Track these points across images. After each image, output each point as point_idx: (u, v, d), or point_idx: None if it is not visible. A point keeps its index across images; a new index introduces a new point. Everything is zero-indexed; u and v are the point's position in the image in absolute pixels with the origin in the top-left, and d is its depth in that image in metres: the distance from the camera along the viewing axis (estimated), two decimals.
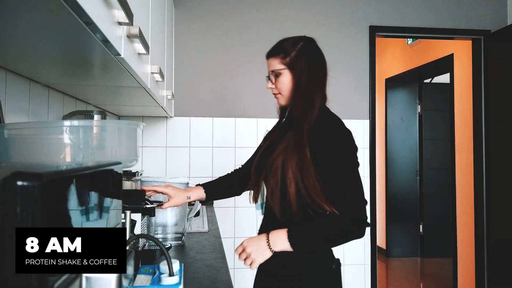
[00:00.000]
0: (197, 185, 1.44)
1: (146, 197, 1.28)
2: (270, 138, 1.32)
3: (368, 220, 1.15)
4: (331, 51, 2.80)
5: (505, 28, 2.77)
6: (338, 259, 1.23)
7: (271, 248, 1.10)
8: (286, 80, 1.24)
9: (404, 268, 4.45)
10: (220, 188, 1.46)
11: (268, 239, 1.11)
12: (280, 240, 1.10)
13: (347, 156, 1.17)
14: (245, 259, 1.12)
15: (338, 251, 1.21)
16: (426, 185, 4.71)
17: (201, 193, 1.41)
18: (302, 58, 1.25)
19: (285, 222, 1.15)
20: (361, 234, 1.10)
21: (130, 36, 0.90)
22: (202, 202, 1.47)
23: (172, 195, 1.33)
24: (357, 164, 1.19)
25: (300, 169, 1.13)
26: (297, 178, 1.13)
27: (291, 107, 1.27)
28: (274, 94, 1.29)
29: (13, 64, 1.04)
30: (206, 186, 1.43)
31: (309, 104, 1.23)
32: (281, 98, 1.28)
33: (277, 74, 1.25)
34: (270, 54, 1.28)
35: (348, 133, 1.24)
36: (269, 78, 1.28)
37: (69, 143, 0.81)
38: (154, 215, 1.25)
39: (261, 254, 1.10)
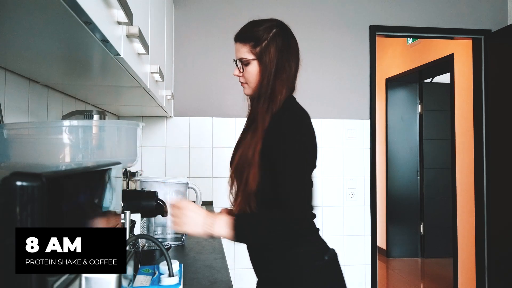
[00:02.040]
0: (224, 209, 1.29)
1: (158, 197, 1.27)
2: (240, 135, 1.26)
3: (317, 226, 1.11)
4: (331, 51, 2.80)
5: (506, 27, 2.77)
6: (332, 250, 1.17)
7: (208, 230, 1.03)
8: (253, 70, 1.16)
9: (405, 268, 4.45)
10: None
11: (210, 222, 1.04)
12: (224, 229, 1.02)
13: (294, 156, 1.06)
14: (175, 219, 1.05)
15: (338, 251, 1.21)
16: (427, 185, 4.71)
17: None
18: (273, 49, 1.14)
19: None
20: (294, 236, 1.06)
21: (129, 36, 0.89)
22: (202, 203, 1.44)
23: None
24: (307, 165, 1.09)
25: (248, 167, 1.08)
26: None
27: (255, 98, 1.18)
28: (240, 82, 1.22)
29: (12, 64, 1.04)
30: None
31: (272, 96, 1.14)
32: (247, 88, 1.21)
33: (245, 63, 1.17)
34: (240, 39, 1.19)
35: (303, 132, 1.11)
36: (236, 64, 1.21)
37: (69, 143, 0.81)
38: (166, 215, 1.22)
39: (194, 227, 1.03)
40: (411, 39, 4.26)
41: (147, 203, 1.20)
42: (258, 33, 1.16)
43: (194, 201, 1.59)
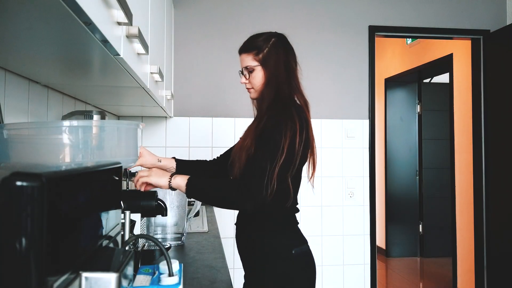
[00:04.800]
0: (172, 157, 1.49)
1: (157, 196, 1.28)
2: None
3: (266, 206, 1.19)
4: (331, 51, 2.81)
5: (504, 28, 2.77)
6: (305, 246, 1.30)
7: (170, 180, 1.23)
8: (258, 75, 1.31)
9: (404, 268, 4.45)
10: (192, 169, 1.48)
11: (172, 176, 1.25)
12: (180, 180, 1.22)
13: (270, 143, 1.19)
14: (143, 175, 1.26)
15: (338, 251, 1.22)
16: (426, 185, 4.71)
17: (171, 163, 1.45)
18: (274, 55, 1.30)
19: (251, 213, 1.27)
20: (243, 206, 1.18)
21: (129, 36, 0.90)
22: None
23: (144, 154, 1.39)
24: (278, 161, 1.18)
25: (244, 152, 1.24)
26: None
27: (260, 100, 1.34)
28: (247, 88, 1.36)
29: (12, 64, 1.04)
30: (179, 161, 1.48)
31: (277, 97, 1.28)
32: (253, 92, 1.35)
33: (250, 70, 1.32)
34: (243, 50, 1.35)
35: (282, 126, 1.20)
36: (242, 73, 1.35)
37: (69, 143, 0.81)
38: (166, 215, 1.26)
39: (158, 177, 1.24)
40: (410, 39, 4.27)
41: (147, 203, 1.21)
42: (259, 43, 1.32)
43: (194, 201, 1.60)
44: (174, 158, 1.48)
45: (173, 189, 1.25)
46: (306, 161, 1.34)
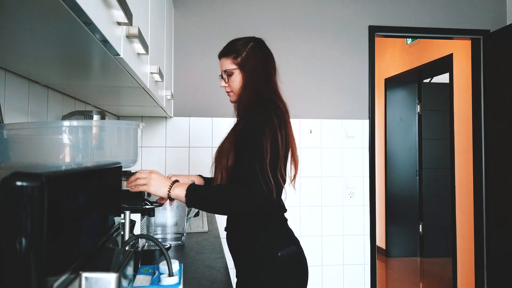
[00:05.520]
0: (198, 175, 1.48)
1: (145, 197, 1.28)
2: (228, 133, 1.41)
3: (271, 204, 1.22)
4: (330, 51, 2.81)
5: (504, 28, 2.77)
6: (293, 247, 1.29)
7: (169, 190, 1.19)
8: (237, 79, 1.34)
9: (404, 268, 4.45)
10: None
11: (172, 184, 1.20)
12: (180, 190, 1.18)
13: (252, 143, 1.20)
14: (141, 179, 1.19)
15: (338, 251, 1.22)
16: (426, 185, 4.71)
17: (199, 180, 1.45)
18: (252, 59, 1.33)
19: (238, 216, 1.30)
20: (246, 210, 1.18)
21: (129, 36, 0.90)
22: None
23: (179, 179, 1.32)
24: (265, 157, 1.19)
25: (225, 154, 1.27)
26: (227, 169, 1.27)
27: (238, 102, 1.37)
28: (227, 92, 1.40)
29: (12, 65, 1.04)
30: (206, 179, 1.47)
31: (256, 99, 1.30)
32: (233, 95, 1.38)
33: (229, 74, 1.35)
34: (222, 54, 1.38)
35: (261, 124, 1.21)
36: (222, 77, 1.39)
37: (69, 143, 0.81)
38: (153, 215, 1.25)
39: (157, 187, 1.18)
40: (410, 39, 4.26)
41: (133, 205, 1.20)
42: (237, 47, 1.35)
43: None
44: (200, 176, 1.46)
45: (171, 199, 1.21)
46: (286, 161, 1.32)
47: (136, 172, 1.23)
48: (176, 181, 1.21)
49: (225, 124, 2.69)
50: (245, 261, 1.30)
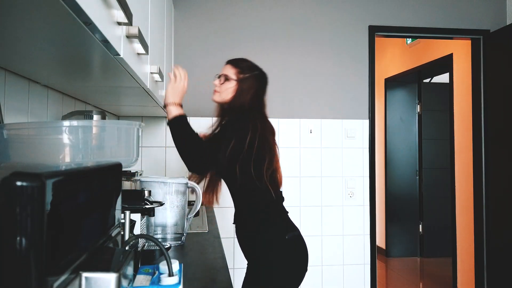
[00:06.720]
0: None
1: (145, 197, 1.28)
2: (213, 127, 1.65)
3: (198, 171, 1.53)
4: (330, 51, 2.81)
5: (504, 27, 2.77)
6: (296, 231, 1.51)
7: (173, 103, 1.48)
8: (230, 87, 1.55)
9: (404, 268, 4.45)
10: None
11: (179, 106, 1.49)
12: (178, 110, 1.47)
13: (222, 136, 1.47)
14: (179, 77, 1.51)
15: (338, 251, 1.22)
16: (426, 185, 4.71)
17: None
18: (250, 83, 1.55)
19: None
20: (190, 167, 1.46)
21: (129, 36, 0.90)
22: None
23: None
24: (232, 145, 1.43)
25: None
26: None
27: (222, 107, 1.62)
28: (214, 90, 1.60)
29: (12, 65, 1.04)
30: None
31: (238, 110, 1.52)
32: (217, 96, 1.59)
33: (227, 79, 1.56)
34: (231, 63, 1.60)
35: (236, 129, 1.47)
36: (219, 77, 1.59)
37: (69, 143, 0.81)
38: (153, 215, 1.25)
39: (174, 92, 1.49)
40: (410, 39, 4.27)
41: (133, 205, 1.20)
42: (245, 66, 1.58)
43: (194, 201, 1.60)
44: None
45: (165, 106, 1.48)
46: (263, 161, 1.51)
47: (185, 72, 1.52)
48: (185, 116, 1.47)
49: None
50: (255, 247, 1.50)
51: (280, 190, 1.58)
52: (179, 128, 1.44)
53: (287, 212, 1.58)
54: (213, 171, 1.53)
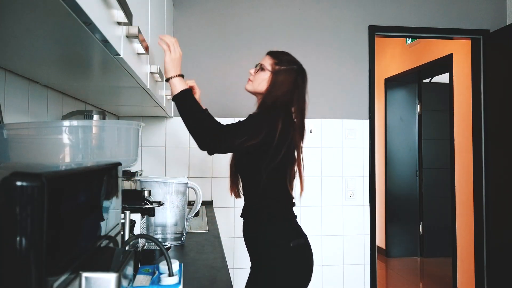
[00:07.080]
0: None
1: (145, 197, 1.28)
2: None
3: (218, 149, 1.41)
4: (330, 51, 2.80)
5: (504, 27, 2.77)
6: (302, 239, 1.44)
7: (174, 76, 1.43)
8: (264, 78, 1.49)
9: (404, 268, 4.45)
10: None
11: (181, 76, 1.44)
12: (181, 84, 1.42)
13: (243, 124, 1.43)
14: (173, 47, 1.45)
15: (338, 251, 1.22)
16: (426, 184, 4.71)
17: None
18: (285, 76, 1.48)
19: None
20: (203, 144, 1.39)
21: (129, 36, 0.90)
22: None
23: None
24: (251, 129, 1.40)
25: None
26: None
27: (258, 97, 1.56)
28: (249, 78, 1.55)
29: (12, 64, 1.04)
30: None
31: (272, 104, 1.45)
32: (250, 85, 1.54)
33: (262, 68, 1.50)
34: (270, 54, 1.53)
35: (263, 119, 1.43)
36: (256, 66, 1.54)
37: (68, 143, 0.81)
38: (153, 215, 1.25)
39: (172, 63, 1.45)
40: (410, 39, 4.27)
41: (132, 205, 1.20)
42: (284, 58, 1.51)
43: (194, 201, 1.60)
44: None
45: (167, 80, 1.40)
46: (290, 162, 1.51)
47: (174, 38, 1.45)
48: (190, 89, 1.43)
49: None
50: (257, 246, 1.45)
51: (293, 195, 1.53)
52: (187, 103, 1.39)
53: (296, 217, 1.51)
54: (224, 152, 1.44)
